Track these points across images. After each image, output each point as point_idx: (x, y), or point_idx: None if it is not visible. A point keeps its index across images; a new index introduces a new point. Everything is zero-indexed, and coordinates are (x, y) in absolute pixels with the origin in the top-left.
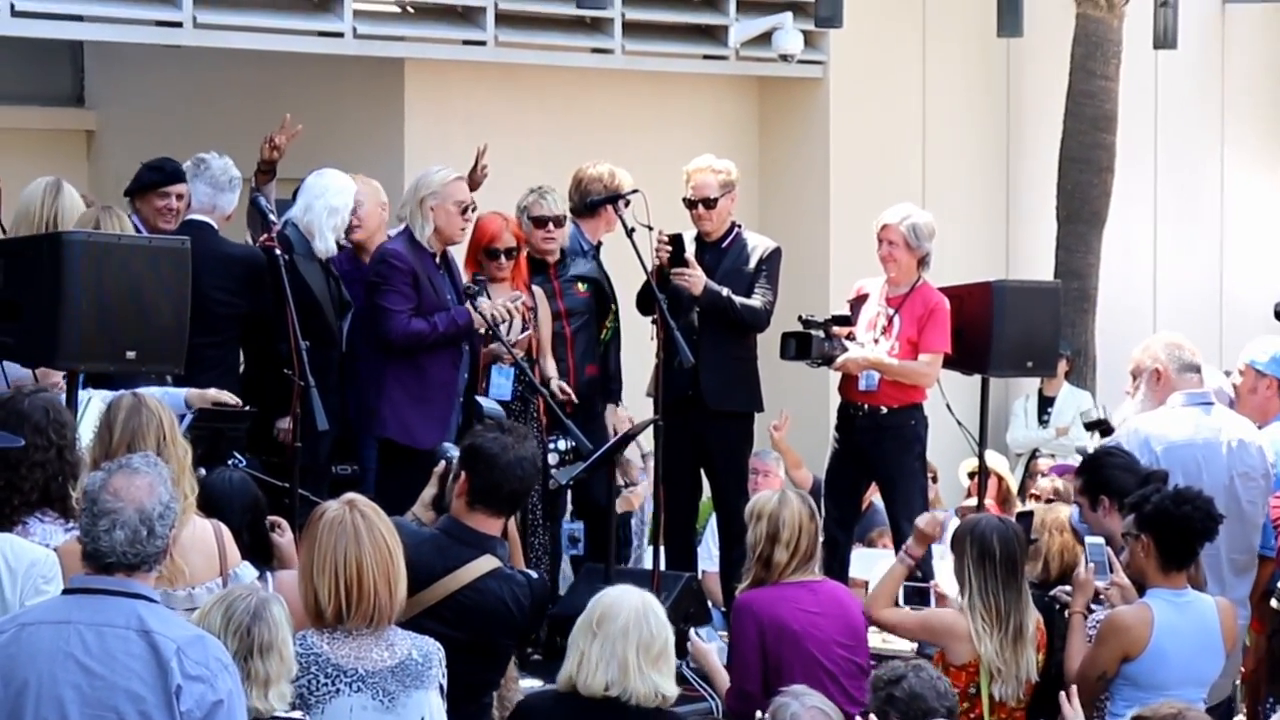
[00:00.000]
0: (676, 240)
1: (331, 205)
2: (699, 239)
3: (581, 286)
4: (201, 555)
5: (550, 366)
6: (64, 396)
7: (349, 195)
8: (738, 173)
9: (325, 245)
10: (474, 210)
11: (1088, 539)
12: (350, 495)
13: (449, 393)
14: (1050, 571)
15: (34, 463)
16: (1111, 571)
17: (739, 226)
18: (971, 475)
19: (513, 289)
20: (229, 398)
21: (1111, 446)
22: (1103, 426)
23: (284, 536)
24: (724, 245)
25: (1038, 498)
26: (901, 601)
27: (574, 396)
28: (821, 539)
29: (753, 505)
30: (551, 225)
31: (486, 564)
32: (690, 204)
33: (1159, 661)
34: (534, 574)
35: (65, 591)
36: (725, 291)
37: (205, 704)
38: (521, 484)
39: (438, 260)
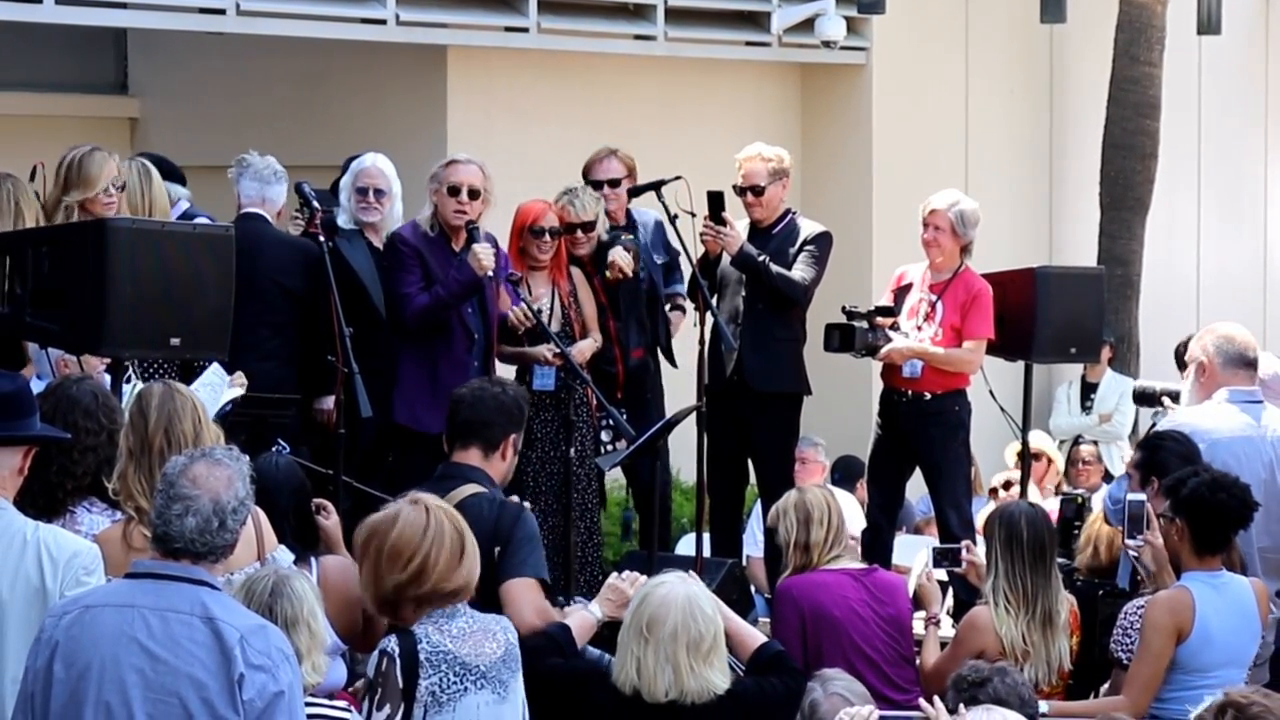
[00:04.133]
0: (716, 197)
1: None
2: (751, 226)
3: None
4: (241, 541)
5: (596, 337)
6: (108, 383)
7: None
8: (789, 160)
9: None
10: (468, 196)
11: (1130, 495)
12: (412, 494)
13: (461, 378)
14: (1101, 558)
15: (86, 447)
16: (1148, 528)
17: (793, 213)
18: (1020, 457)
19: (551, 276)
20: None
21: (1177, 432)
22: (1146, 398)
23: (329, 519)
24: (774, 231)
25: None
26: (931, 564)
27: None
28: (864, 525)
29: (774, 510)
30: (580, 231)
31: (467, 489)
32: (740, 191)
33: (1204, 643)
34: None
35: (129, 575)
36: (763, 257)
37: (266, 694)
38: (472, 410)
39: (455, 246)
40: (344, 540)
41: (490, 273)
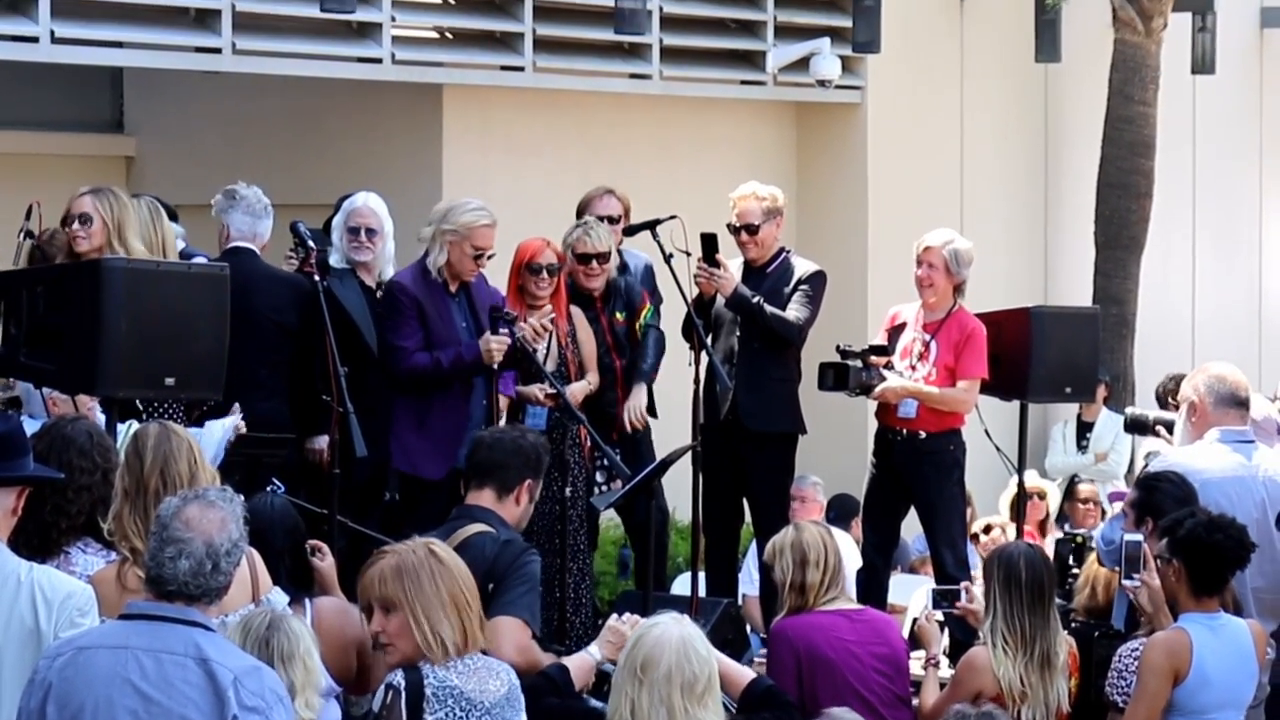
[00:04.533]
0: (709, 239)
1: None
2: (746, 265)
3: (620, 316)
4: (235, 582)
5: (592, 380)
6: (103, 423)
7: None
8: (784, 199)
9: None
10: (491, 258)
11: (1126, 536)
12: (414, 539)
13: (456, 423)
14: (1099, 599)
15: (80, 486)
16: (1144, 569)
17: (787, 252)
18: (1013, 504)
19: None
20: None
21: (1173, 473)
22: (1139, 425)
23: (324, 561)
24: (769, 270)
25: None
26: (931, 605)
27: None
28: (860, 565)
29: (770, 546)
30: (595, 262)
31: (474, 528)
32: (734, 230)
33: (1202, 684)
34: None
35: (123, 616)
36: (757, 299)
37: None
38: (489, 451)
39: (452, 289)
40: (339, 581)
41: (495, 364)
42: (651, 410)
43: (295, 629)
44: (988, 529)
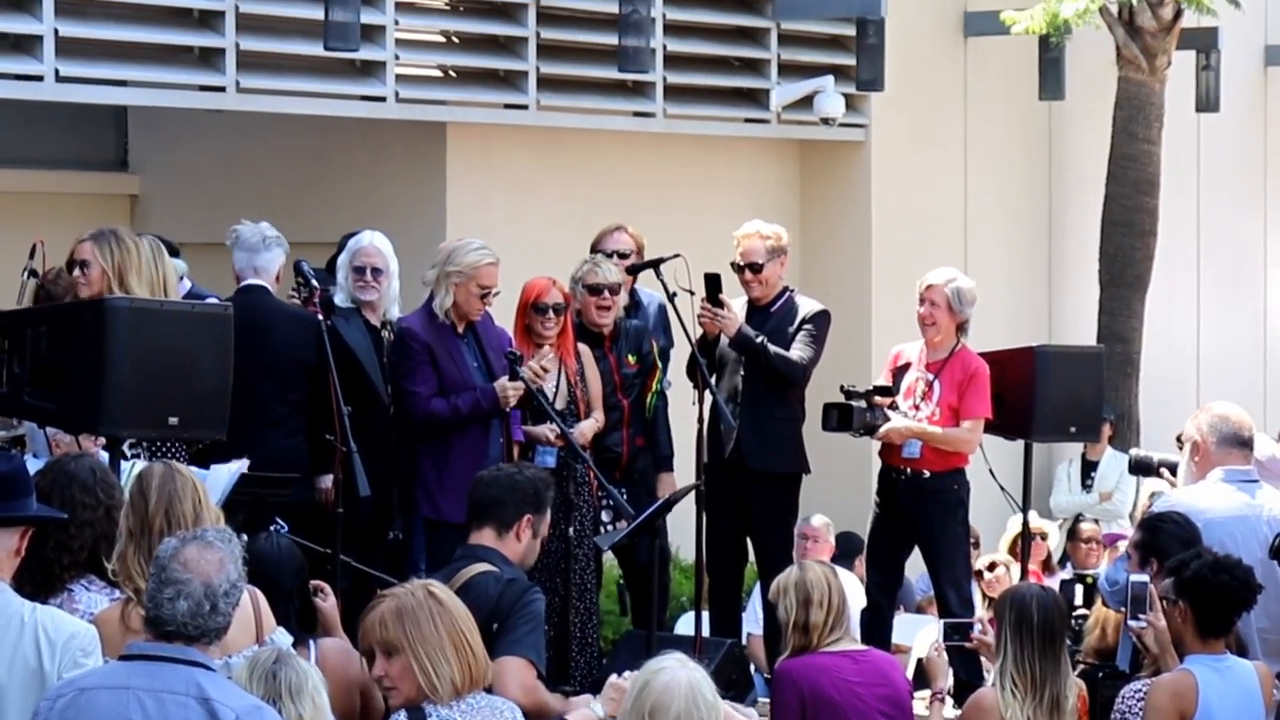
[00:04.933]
0: (713, 280)
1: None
2: (750, 304)
3: (632, 359)
4: (239, 622)
5: (599, 418)
6: (106, 461)
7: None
8: (788, 238)
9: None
10: (496, 295)
11: (1132, 576)
12: (412, 581)
13: (476, 463)
14: (1109, 640)
15: (83, 521)
16: (1150, 610)
17: (791, 291)
18: (1013, 545)
19: (558, 353)
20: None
21: (1178, 514)
22: (1143, 467)
23: (327, 601)
24: (772, 309)
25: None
26: (942, 638)
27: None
28: (864, 604)
29: (775, 585)
30: (607, 293)
31: (477, 568)
32: (738, 269)
33: None
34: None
35: (123, 657)
36: (760, 338)
37: None
38: (486, 489)
39: (460, 330)
40: (343, 620)
41: (510, 408)
42: (669, 465)
43: (303, 666)
44: (992, 566)
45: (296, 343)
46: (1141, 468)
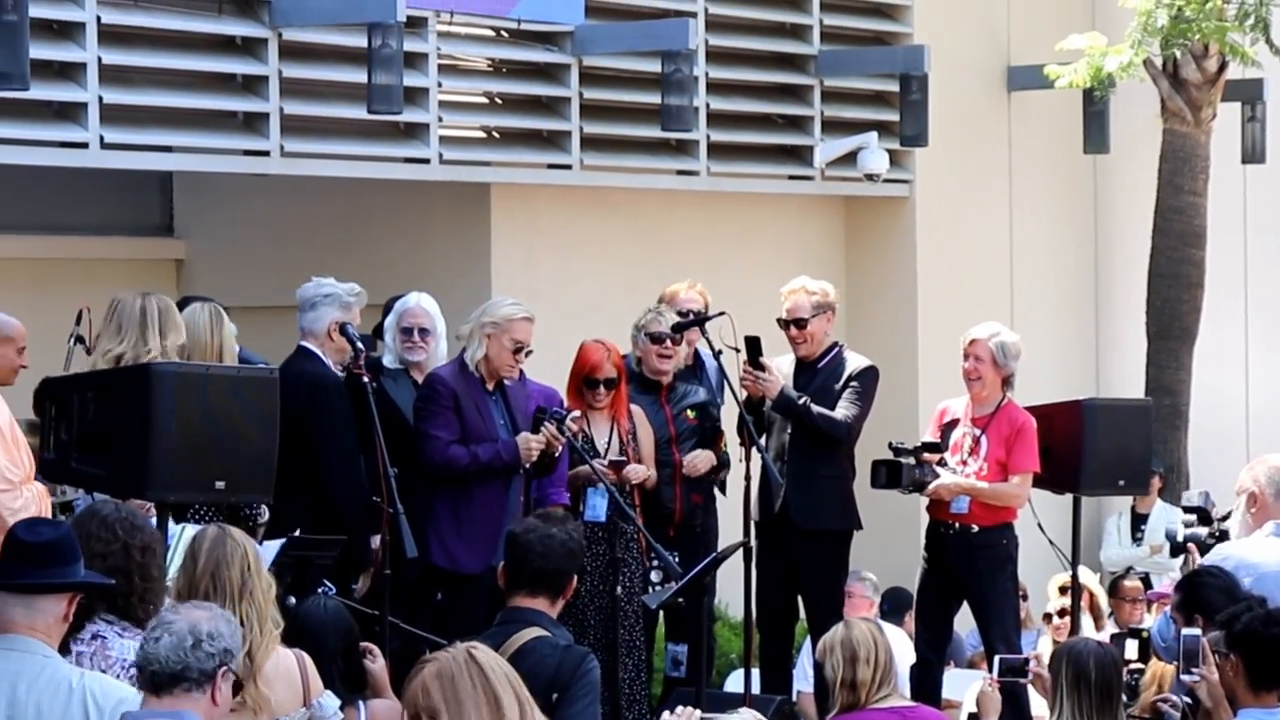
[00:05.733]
0: (753, 343)
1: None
2: (797, 361)
3: (691, 414)
4: (286, 685)
5: (649, 475)
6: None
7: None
8: (835, 294)
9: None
10: (529, 354)
11: (1185, 631)
12: (455, 645)
13: (496, 516)
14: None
15: (94, 553)
16: (1204, 663)
17: (840, 346)
18: (1062, 590)
19: (611, 413)
20: None
21: (1213, 567)
22: (1200, 514)
23: (376, 663)
24: (819, 365)
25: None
26: (997, 673)
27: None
28: (913, 660)
29: (821, 643)
30: (669, 342)
31: (530, 633)
32: (784, 324)
33: None
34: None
35: None
36: (803, 400)
37: None
38: (543, 560)
39: (490, 387)
40: (392, 682)
41: (530, 463)
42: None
43: None
44: (1062, 613)
45: (288, 403)
46: (1175, 550)
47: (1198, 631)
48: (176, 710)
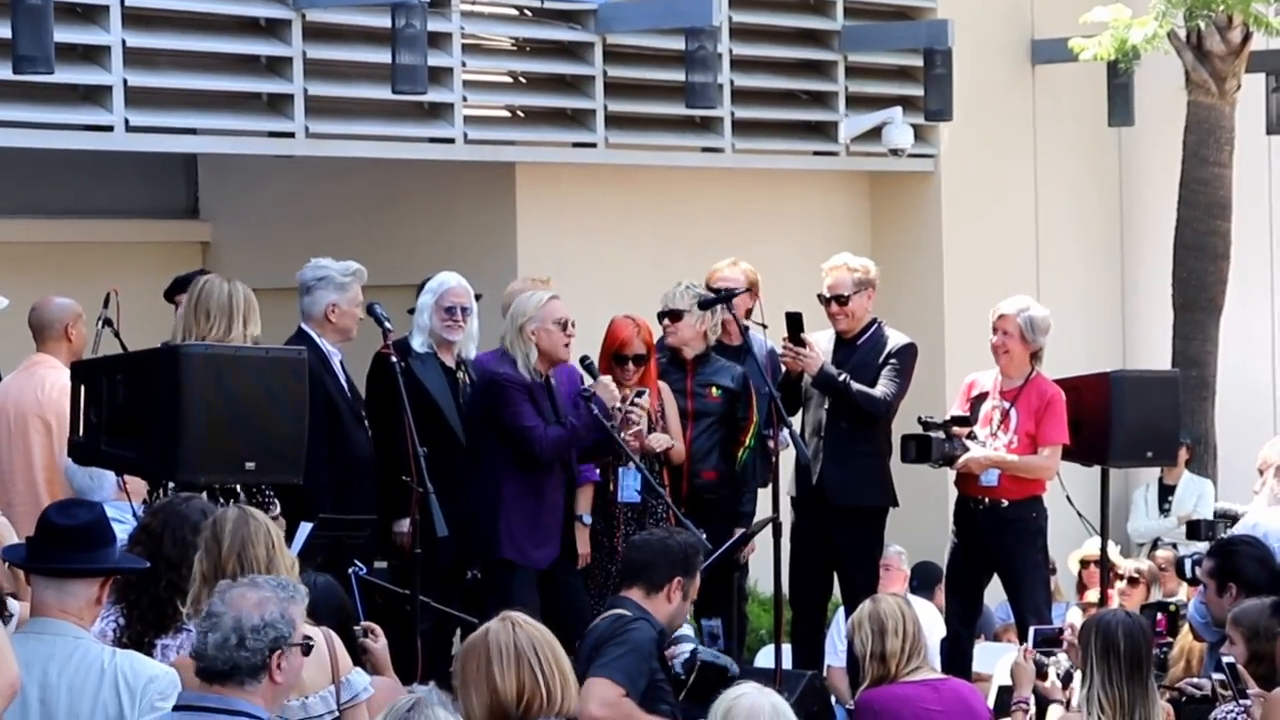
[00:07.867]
0: (794, 319)
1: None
2: (837, 336)
3: (715, 392)
4: (314, 663)
5: (671, 444)
6: None
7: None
8: (875, 271)
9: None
10: (574, 326)
11: (1224, 658)
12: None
13: (558, 513)
14: (1193, 672)
15: (194, 561)
16: (1240, 682)
17: (879, 322)
18: (1083, 564)
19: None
20: None
21: (1248, 535)
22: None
23: (377, 642)
24: (859, 342)
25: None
26: (1031, 643)
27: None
28: (944, 634)
29: (851, 620)
30: (668, 320)
31: (609, 614)
32: (825, 301)
33: None
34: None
35: (176, 707)
36: (843, 376)
37: None
38: (637, 553)
39: (541, 378)
40: (425, 661)
41: (618, 403)
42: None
43: (437, 715)
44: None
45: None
46: (1195, 532)
47: (1231, 658)
48: (225, 697)
